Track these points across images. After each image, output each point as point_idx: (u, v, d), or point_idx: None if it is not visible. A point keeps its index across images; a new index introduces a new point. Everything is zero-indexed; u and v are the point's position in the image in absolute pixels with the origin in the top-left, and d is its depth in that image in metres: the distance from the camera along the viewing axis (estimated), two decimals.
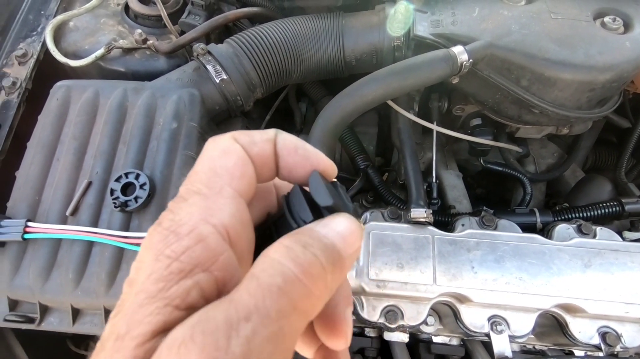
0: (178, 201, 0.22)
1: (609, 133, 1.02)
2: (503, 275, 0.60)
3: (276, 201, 0.28)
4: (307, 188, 0.25)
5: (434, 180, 0.82)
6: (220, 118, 0.74)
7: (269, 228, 0.26)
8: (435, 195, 0.81)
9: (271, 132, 0.25)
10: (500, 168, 0.87)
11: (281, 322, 0.18)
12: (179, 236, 0.20)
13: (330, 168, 0.26)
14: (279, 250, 0.20)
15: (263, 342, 0.17)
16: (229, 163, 0.23)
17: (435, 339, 0.69)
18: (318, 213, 0.23)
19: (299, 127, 0.99)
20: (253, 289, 0.18)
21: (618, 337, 0.59)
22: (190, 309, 0.18)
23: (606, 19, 0.66)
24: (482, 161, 0.89)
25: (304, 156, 0.25)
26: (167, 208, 0.22)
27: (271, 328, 0.17)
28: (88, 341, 0.81)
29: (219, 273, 0.20)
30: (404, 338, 0.67)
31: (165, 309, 0.18)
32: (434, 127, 0.82)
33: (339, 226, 0.22)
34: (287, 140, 0.25)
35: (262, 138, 0.24)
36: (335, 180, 0.26)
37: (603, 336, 0.59)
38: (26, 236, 0.56)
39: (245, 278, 0.19)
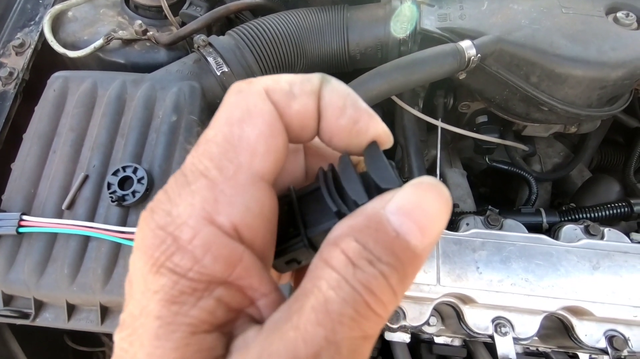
0: (179, 183, 0.17)
1: (615, 133, 1.00)
2: (509, 276, 0.59)
3: (303, 165, 0.23)
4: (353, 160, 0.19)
5: (438, 178, 0.81)
6: None
7: (289, 204, 0.21)
8: None
9: (316, 81, 0.19)
10: (506, 167, 0.86)
11: (354, 356, 0.15)
12: (179, 245, 0.16)
13: (385, 137, 0.20)
14: (342, 262, 0.16)
15: None
16: (252, 132, 0.17)
17: (437, 340, 0.68)
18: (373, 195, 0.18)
19: None
20: (322, 317, 0.15)
21: (625, 341, 0.57)
22: (221, 327, 0.16)
23: (619, 14, 0.65)
24: (487, 159, 0.87)
25: (353, 119, 0.19)
26: (163, 187, 0.18)
27: None
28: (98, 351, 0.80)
29: (240, 281, 0.17)
30: (405, 338, 0.65)
31: (194, 339, 0.15)
32: (439, 124, 0.81)
33: (415, 210, 0.16)
34: (334, 94, 0.19)
35: (304, 90, 0.18)
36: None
37: (610, 339, 0.58)
38: (21, 230, 0.55)
39: (303, 289, 0.16)
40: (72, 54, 0.73)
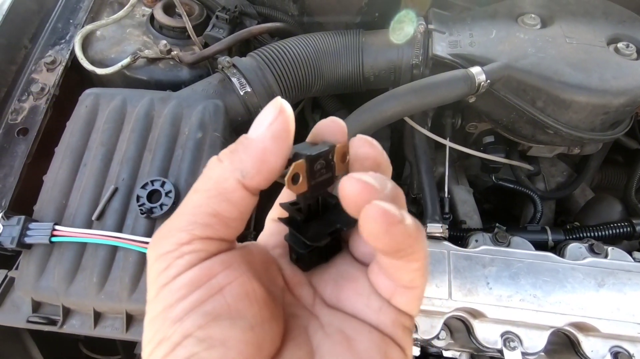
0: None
1: (615, 153, 1.04)
2: (518, 292, 0.61)
3: None
4: None
5: (445, 194, 0.84)
6: (241, 128, 0.76)
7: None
8: (447, 209, 0.82)
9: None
10: (511, 185, 0.89)
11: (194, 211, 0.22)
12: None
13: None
14: None
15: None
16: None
17: (445, 354, 0.69)
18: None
19: None
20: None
21: (630, 357, 0.59)
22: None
23: (620, 45, 0.69)
24: (493, 177, 0.90)
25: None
26: None
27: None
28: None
29: None
30: (415, 351, 0.67)
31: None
32: (447, 143, 0.84)
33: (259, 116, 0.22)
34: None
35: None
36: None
37: (615, 355, 0.60)
38: (53, 239, 0.58)
39: None
40: (100, 71, 0.77)
